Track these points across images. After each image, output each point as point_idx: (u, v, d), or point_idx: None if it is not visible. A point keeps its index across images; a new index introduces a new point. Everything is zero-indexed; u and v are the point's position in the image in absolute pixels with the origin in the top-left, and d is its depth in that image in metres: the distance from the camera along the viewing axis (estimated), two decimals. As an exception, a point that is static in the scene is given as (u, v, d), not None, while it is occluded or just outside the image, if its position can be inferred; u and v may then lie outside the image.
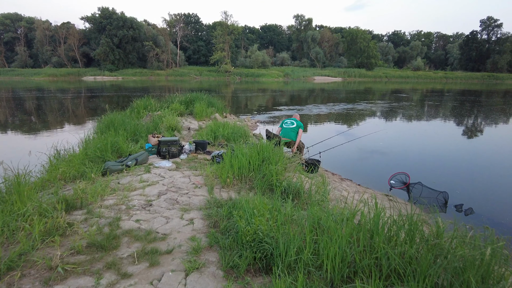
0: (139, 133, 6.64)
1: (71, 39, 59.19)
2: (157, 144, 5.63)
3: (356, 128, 7.98)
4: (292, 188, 3.83)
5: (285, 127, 6.27)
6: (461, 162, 7.48)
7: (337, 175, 6.22)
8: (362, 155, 7.96)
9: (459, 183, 5.93)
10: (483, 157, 8.06)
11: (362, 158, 7.73)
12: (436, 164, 7.25)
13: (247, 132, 7.66)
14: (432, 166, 7.05)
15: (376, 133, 7.88)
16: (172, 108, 10.76)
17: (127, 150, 5.44)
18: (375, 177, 6.33)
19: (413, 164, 7.24)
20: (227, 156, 4.47)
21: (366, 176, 6.32)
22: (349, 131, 7.42)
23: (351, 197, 4.66)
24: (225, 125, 7.90)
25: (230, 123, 8.67)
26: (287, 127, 6.26)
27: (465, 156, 8.05)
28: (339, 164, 7.07)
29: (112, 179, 4.36)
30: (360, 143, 7.78)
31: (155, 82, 42.97)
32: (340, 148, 6.78)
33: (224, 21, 59.08)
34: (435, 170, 6.75)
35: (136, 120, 8.70)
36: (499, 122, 14.34)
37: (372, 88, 38.68)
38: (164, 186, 4.09)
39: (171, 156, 5.34)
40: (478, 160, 7.75)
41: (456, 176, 6.45)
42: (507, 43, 66.30)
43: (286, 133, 6.18)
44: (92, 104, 18.78)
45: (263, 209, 2.67)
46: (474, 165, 7.33)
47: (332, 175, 6.14)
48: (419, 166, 7.01)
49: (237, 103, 20.54)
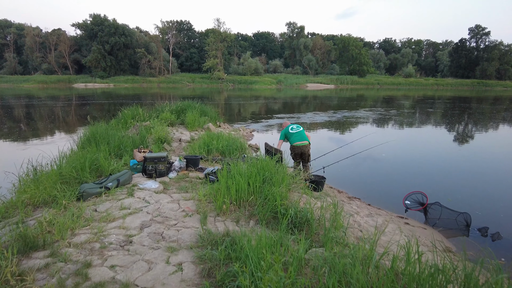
0: (123, 147, 6.00)
1: (62, 46, 58.26)
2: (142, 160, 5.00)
3: (360, 140, 7.43)
4: (300, 217, 3.25)
5: (295, 131, 5.70)
6: (479, 177, 6.87)
7: (344, 193, 5.66)
8: (368, 169, 7.42)
9: (479, 202, 5.41)
10: (503, 172, 7.43)
11: (368, 173, 7.19)
12: (451, 180, 6.69)
13: (243, 144, 7.08)
14: (445, 182, 6.52)
15: (383, 145, 7.34)
16: (162, 117, 10.15)
17: (109, 169, 4.80)
18: (385, 194, 5.78)
19: (423, 178, 6.72)
20: (223, 177, 3.88)
21: (375, 194, 5.78)
22: (353, 143, 6.88)
23: (364, 221, 4.10)
24: (219, 136, 7.31)
25: (225, 133, 8.09)
26: (297, 131, 5.70)
27: (482, 170, 7.42)
28: (344, 179, 6.53)
29: (88, 205, 3.72)
30: (365, 155, 7.25)
31: (147, 90, 42.25)
32: (344, 161, 6.24)
33: (216, 28, 58.85)
34: (450, 186, 6.22)
35: (122, 132, 8.07)
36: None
37: (364, 95, 38.59)
38: (148, 215, 3.47)
39: (158, 175, 4.72)
40: (498, 176, 7.11)
41: (474, 193, 5.92)
42: (495, 50, 67.51)
43: (301, 137, 5.63)
44: (82, 112, 18.04)
45: (274, 260, 2.07)
46: (495, 181, 6.73)
47: (339, 193, 5.58)
48: (431, 182, 6.49)
49: (231, 110, 19.99)
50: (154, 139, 7.46)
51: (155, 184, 4.37)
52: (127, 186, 4.42)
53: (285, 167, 4.33)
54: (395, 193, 5.78)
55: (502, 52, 68.11)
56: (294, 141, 5.61)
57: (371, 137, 9.22)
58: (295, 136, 5.65)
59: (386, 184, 6.41)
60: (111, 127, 7.49)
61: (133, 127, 8.76)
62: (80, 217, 3.30)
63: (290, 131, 5.69)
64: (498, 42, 68.86)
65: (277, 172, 4.11)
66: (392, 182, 6.48)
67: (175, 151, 7.38)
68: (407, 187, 5.93)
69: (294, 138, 5.63)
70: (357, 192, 5.79)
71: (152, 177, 4.71)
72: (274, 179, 3.90)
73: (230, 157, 6.32)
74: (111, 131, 6.59)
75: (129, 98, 27.37)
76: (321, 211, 3.37)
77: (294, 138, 5.64)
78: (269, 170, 4.01)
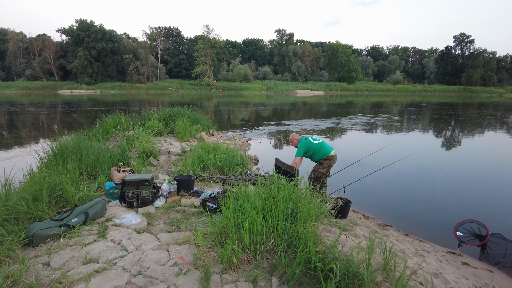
0: (99, 164, 4.87)
1: (46, 52, 56.80)
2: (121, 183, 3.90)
3: (380, 151, 6.46)
4: (345, 269, 2.22)
5: (320, 141, 4.74)
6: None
7: (371, 219, 4.66)
8: (393, 187, 6.39)
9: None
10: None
11: (393, 191, 6.19)
12: (495, 199, 5.77)
13: (245, 158, 6.01)
14: (488, 202, 5.60)
15: (407, 158, 6.38)
16: (149, 126, 9.03)
17: (76, 197, 3.67)
18: (420, 220, 4.80)
19: (459, 198, 5.77)
20: (228, 209, 2.84)
21: (408, 219, 4.81)
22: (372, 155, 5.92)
23: (414, 263, 3.10)
24: (216, 148, 6.25)
25: (221, 144, 7.03)
26: (319, 141, 4.74)
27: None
28: (365, 199, 5.55)
29: (40, 255, 2.61)
30: (386, 169, 6.26)
31: (135, 96, 40.88)
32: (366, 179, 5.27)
33: (205, 34, 58.11)
34: (496, 208, 5.31)
35: (101, 143, 6.91)
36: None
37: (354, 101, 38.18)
38: (124, 272, 2.38)
39: (141, 203, 3.62)
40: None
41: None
42: (479, 58, 69.03)
43: (330, 146, 4.74)
44: (67, 119, 16.67)
45: None
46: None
47: (365, 219, 4.58)
48: (467, 201, 5.58)
49: (222, 117, 18.90)
50: (139, 152, 6.35)
51: (136, 218, 3.27)
52: (99, 220, 3.31)
53: (309, 192, 3.31)
54: (431, 217, 4.84)
55: (486, 59, 69.68)
56: (329, 151, 4.62)
57: (391, 149, 8.27)
58: (325, 146, 4.67)
59: (418, 206, 5.43)
60: (86, 138, 6.32)
61: (114, 138, 7.60)
62: (18, 281, 2.19)
63: (314, 141, 4.70)
64: (482, 49, 70.55)
65: (300, 199, 3.10)
66: (425, 203, 5.50)
67: (164, 167, 6.28)
68: (442, 209, 5.02)
69: (327, 148, 4.65)
70: (386, 216, 4.81)
71: (132, 206, 3.61)
72: (300, 212, 2.88)
73: (230, 175, 5.27)
74: (86, 143, 5.44)
75: (116, 104, 26.03)
76: (367, 260, 2.34)
77: (326, 148, 4.65)
78: (292, 198, 2.99)
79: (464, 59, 71.86)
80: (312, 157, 4.76)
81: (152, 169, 6.01)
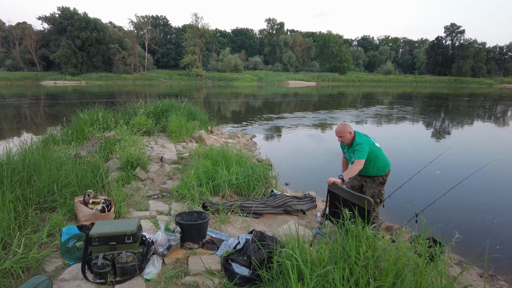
0: (60, 189, 3.24)
1: (27, 41, 53.21)
2: (88, 228, 2.33)
3: (439, 158, 4.98)
4: None
5: (377, 144, 3.24)
6: None
7: (469, 268, 3.20)
8: (476, 209, 4.77)
9: None
10: None
11: (478, 216, 4.63)
12: None
13: (266, 172, 4.38)
14: None
15: (484, 168, 4.82)
16: (135, 123, 7.37)
17: (3, 264, 2.07)
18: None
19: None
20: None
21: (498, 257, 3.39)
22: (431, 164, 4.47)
23: None
24: (226, 156, 4.67)
25: (233, 149, 5.44)
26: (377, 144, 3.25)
27: None
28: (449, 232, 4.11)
29: None
30: (465, 184, 4.41)
31: (122, 87, 38.51)
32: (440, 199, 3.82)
33: (194, 23, 55.64)
34: None
35: (70, 150, 5.25)
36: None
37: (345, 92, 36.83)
38: None
39: (120, 274, 2.06)
40: None
41: None
42: (469, 48, 68.89)
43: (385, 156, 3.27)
44: (52, 111, 14.78)
45: None
46: None
47: (456, 266, 3.13)
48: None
49: (214, 110, 17.14)
50: (121, 163, 4.71)
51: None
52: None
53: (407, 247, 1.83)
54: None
55: (476, 50, 69.58)
56: (389, 162, 3.21)
57: (451, 154, 6.73)
58: (382, 153, 3.21)
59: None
60: (46, 142, 4.64)
61: (90, 140, 5.90)
62: None
63: (375, 143, 3.21)
64: (472, 40, 70.42)
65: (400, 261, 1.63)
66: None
67: (155, 181, 4.69)
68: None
69: (386, 158, 3.21)
70: (491, 260, 3.35)
71: (106, 282, 2.04)
72: None
73: (253, 197, 3.74)
74: (43, 154, 3.79)
75: (102, 96, 23.93)
76: None
77: (385, 157, 3.21)
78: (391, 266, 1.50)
79: (454, 49, 71.63)
80: (368, 166, 3.14)
81: (139, 186, 4.42)
